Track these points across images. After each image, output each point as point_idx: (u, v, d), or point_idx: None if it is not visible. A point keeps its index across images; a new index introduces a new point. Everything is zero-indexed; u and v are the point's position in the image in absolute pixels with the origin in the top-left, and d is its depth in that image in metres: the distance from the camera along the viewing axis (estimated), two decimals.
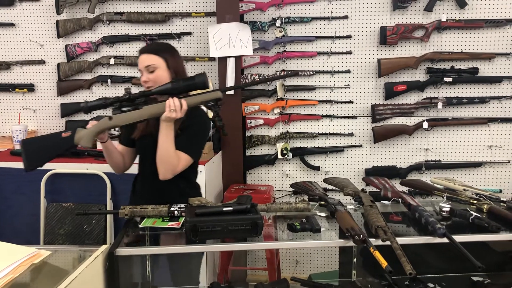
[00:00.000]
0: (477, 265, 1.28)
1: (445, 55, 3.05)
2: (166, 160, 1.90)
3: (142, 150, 2.10)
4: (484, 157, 3.16)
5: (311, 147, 3.29)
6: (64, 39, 3.38)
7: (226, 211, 1.52)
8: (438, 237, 1.46)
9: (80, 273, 1.28)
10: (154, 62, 1.99)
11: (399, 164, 3.23)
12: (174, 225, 1.63)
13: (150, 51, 2.02)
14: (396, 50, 3.12)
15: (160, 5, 3.28)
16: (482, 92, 3.10)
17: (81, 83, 3.41)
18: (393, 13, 3.08)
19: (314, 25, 3.17)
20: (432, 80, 3.09)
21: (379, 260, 1.28)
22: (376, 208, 1.63)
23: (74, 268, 1.31)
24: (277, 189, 3.35)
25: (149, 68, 1.98)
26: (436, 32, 3.05)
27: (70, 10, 3.35)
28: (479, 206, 1.71)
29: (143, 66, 1.99)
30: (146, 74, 1.99)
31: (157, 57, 2.00)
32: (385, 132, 3.16)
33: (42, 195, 2.84)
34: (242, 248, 1.61)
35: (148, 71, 1.98)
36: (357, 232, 1.41)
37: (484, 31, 3.03)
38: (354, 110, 3.23)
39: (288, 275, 3.28)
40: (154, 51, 2.01)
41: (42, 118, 3.54)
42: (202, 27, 3.26)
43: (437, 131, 3.18)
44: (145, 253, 1.75)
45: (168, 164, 1.90)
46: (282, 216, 1.78)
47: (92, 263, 1.36)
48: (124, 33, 3.34)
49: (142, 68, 2.00)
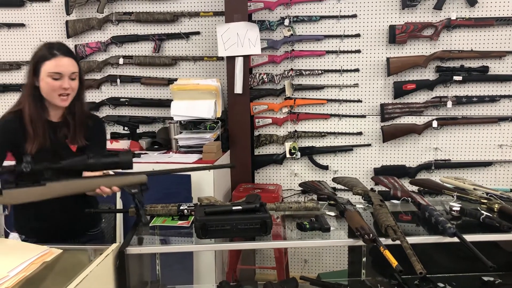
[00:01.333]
0: (488, 264, 1.27)
1: (455, 53, 3.02)
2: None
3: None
4: (495, 156, 3.13)
5: (319, 146, 3.28)
6: (74, 39, 3.41)
7: (235, 210, 1.52)
8: (449, 237, 1.46)
9: (91, 271, 1.29)
10: (76, 70, 1.77)
11: (408, 163, 3.22)
12: (184, 224, 1.64)
13: (71, 56, 1.78)
14: (405, 49, 3.10)
15: (168, 5, 3.29)
16: (492, 90, 3.07)
17: (91, 83, 3.42)
18: (402, 12, 3.07)
19: (323, 24, 3.17)
20: (442, 78, 3.07)
21: (389, 259, 1.28)
22: (385, 207, 1.63)
23: (85, 266, 1.32)
24: (285, 189, 3.35)
25: (71, 76, 1.75)
26: (446, 30, 3.03)
27: (79, 10, 3.37)
28: (490, 205, 1.70)
29: (68, 71, 1.73)
30: (68, 81, 1.74)
31: (77, 65, 1.78)
32: (394, 131, 3.14)
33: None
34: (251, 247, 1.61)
35: (70, 78, 1.75)
36: (366, 231, 1.41)
37: (495, 29, 3.00)
38: (363, 109, 3.22)
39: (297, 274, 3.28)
40: (75, 58, 1.79)
41: None
42: (210, 27, 3.27)
43: (446, 130, 3.16)
44: (154, 252, 1.76)
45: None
46: (291, 215, 1.78)
47: (102, 262, 1.37)
48: (133, 33, 3.36)
49: (66, 73, 1.73)
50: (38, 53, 1.77)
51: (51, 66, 1.72)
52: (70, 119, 1.83)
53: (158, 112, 3.40)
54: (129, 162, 1.53)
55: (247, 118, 3.19)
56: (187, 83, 3.09)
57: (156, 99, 3.39)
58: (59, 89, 1.73)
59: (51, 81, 1.72)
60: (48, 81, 1.72)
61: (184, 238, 1.65)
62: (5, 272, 1.19)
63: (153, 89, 3.40)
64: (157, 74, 3.39)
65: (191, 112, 3.00)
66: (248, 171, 3.24)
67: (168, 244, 1.60)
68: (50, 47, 1.75)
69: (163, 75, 3.37)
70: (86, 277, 1.25)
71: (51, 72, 1.71)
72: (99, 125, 1.97)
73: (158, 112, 3.40)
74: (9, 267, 1.22)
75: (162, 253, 1.83)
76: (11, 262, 1.25)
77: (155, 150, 3.12)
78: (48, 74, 1.72)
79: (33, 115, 1.76)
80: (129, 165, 1.53)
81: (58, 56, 1.73)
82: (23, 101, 1.80)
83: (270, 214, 1.53)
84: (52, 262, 1.36)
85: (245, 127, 3.18)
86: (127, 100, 3.40)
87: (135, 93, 3.43)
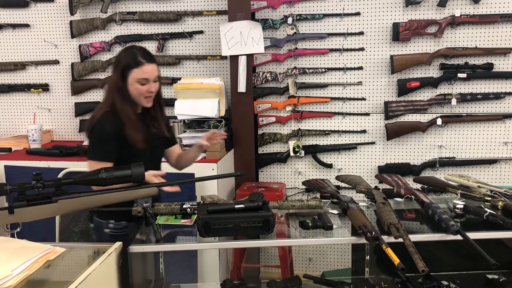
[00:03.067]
0: (491, 262, 1.27)
1: (459, 50, 3.01)
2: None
3: (154, 156, 2.06)
4: (500, 154, 3.12)
5: (323, 145, 3.28)
6: (78, 39, 3.42)
7: (238, 208, 1.52)
8: (452, 234, 1.45)
9: (94, 270, 1.29)
10: (158, 73, 1.97)
11: (412, 161, 3.21)
12: (187, 223, 1.64)
13: (154, 61, 1.96)
14: (409, 46, 3.09)
15: (172, 4, 3.30)
16: (497, 88, 3.05)
17: (95, 82, 3.44)
18: (406, 9, 3.06)
19: (326, 22, 3.16)
20: (446, 76, 3.05)
21: (391, 257, 1.28)
22: (388, 205, 1.63)
23: (89, 264, 1.33)
24: (289, 187, 3.35)
25: (155, 79, 1.95)
26: (450, 27, 3.02)
27: (83, 10, 3.38)
28: (494, 203, 1.69)
29: (153, 76, 1.93)
30: (153, 84, 1.94)
31: (158, 68, 1.97)
32: (398, 129, 3.14)
33: None
34: (254, 245, 1.61)
35: (154, 81, 1.94)
36: (369, 229, 1.41)
37: (499, 25, 2.99)
38: (367, 107, 3.21)
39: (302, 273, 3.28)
40: (156, 62, 1.98)
41: (57, 118, 3.58)
42: (213, 26, 3.27)
43: (451, 127, 3.14)
44: (158, 250, 1.77)
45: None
46: (294, 214, 1.78)
47: (105, 260, 1.37)
48: (136, 32, 3.37)
49: (151, 78, 1.93)
50: (123, 61, 1.92)
51: (138, 73, 1.89)
52: (155, 112, 2.03)
53: None
54: (141, 175, 1.46)
55: (251, 116, 3.19)
56: (190, 82, 3.09)
57: None
58: (146, 93, 1.92)
59: (139, 86, 1.90)
60: (137, 86, 1.90)
61: (188, 236, 1.66)
62: (9, 271, 1.20)
63: None
64: (161, 73, 3.38)
65: (195, 111, 3.01)
66: (252, 169, 3.24)
67: (171, 243, 1.60)
68: (135, 55, 1.91)
69: (167, 74, 3.38)
70: (89, 276, 1.25)
71: (139, 78, 1.90)
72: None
73: None
74: (12, 265, 1.22)
75: (165, 252, 1.84)
76: (14, 260, 1.25)
77: None
78: (137, 81, 1.90)
79: (129, 113, 1.92)
80: (142, 178, 1.47)
81: (144, 64, 1.90)
82: (115, 103, 1.93)
83: (272, 212, 1.53)
84: (56, 261, 1.37)
85: (248, 126, 3.18)
86: None
87: None
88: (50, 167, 2.88)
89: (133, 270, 1.50)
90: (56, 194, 1.42)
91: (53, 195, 1.42)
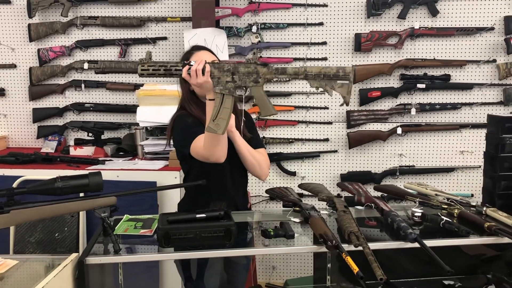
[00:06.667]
0: (446, 269, 1.30)
1: (418, 62, 3.10)
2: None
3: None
4: (456, 162, 3.22)
5: (287, 153, 3.30)
6: (37, 43, 3.32)
7: (199, 218, 1.50)
8: (410, 242, 1.48)
9: (48, 283, 1.25)
10: (215, 59, 1.88)
11: (374, 169, 3.27)
12: (146, 233, 1.61)
13: (207, 49, 1.93)
14: (371, 57, 3.16)
15: (135, 9, 3.25)
16: (454, 98, 3.16)
17: (54, 87, 3.34)
18: (368, 20, 3.13)
19: (290, 32, 3.19)
20: (406, 86, 3.14)
21: (350, 265, 1.29)
22: (349, 213, 1.64)
23: (43, 277, 1.28)
24: (253, 195, 3.34)
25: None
26: (410, 39, 3.11)
27: (42, 13, 3.29)
28: (450, 211, 1.74)
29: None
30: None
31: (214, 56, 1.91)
32: (360, 138, 3.19)
33: None
34: (215, 255, 1.59)
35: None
36: (329, 238, 1.41)
37: (456, 39, 3.10)
38: (330, 116, 3.25)
39: (266, 281, 3.28)
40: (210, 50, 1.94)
41: (13, 124, 3.45)
42: (177, 32, 3.24)
43: (410, 136, 3.22)
44: (116, 261, 1.72)
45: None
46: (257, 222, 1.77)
47: (60, 272, 1.33)
48: (98, 37, 3.30)
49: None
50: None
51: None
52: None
53: (124, 118, 3.34)
54: (99, 185, 1.44)
55: None
56: (153, 89, 3.04)
57: (122, 104, 3.33)
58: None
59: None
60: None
61: (148, 246, 1.62)
62: None
63: (119, 95, 3.35)
64: (123, 79, 3.33)
65: (157, 118, 2.96)
66: None
67: (129, 254, 1.56)
68: (186, 52, 1.94)
69: (129, 81, 3.32)
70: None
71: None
72: (249, 115, 2.10)
73: (124, 118, 3.34)
74: None
75: (125, 263, 1.79)
76: None
77: (120, 156, 3.06)
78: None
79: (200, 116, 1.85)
80: (99, 187, 1.44)
81: (195, 53, 1.88)
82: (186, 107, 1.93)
83: (234, 221, 1.52)
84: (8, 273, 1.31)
85: None
86: (92, 106, 3.33)
87: (100, 98, 3.36)
88: (4, 175, 2.77)
89: (90, 283, 1.45)
90: (8, 204, 1.36)
91: (5, 205, 1.36)
